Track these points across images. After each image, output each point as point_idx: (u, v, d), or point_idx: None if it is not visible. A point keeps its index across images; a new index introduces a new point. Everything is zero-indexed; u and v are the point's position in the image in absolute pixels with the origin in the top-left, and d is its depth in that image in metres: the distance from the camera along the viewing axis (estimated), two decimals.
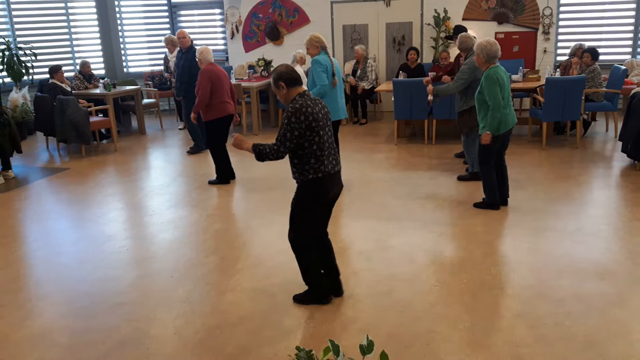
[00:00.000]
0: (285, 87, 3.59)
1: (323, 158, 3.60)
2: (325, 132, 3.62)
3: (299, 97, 3.57)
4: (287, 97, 3.62)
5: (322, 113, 3.60)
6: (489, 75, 5.22)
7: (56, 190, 6.90)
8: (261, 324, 3.72)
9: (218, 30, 12.14)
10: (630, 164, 6.90)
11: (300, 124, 3.47)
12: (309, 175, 3.59)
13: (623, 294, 3.90)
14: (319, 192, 3.64)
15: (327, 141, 3.64)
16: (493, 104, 5.19)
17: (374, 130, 9.53)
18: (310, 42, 6.10)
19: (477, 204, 5.65)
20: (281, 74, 3.59)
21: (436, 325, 3.60)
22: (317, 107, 3.58)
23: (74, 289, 4.31)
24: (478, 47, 5.30)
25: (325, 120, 3.62)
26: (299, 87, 3.61)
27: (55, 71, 8.76)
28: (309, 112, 3.50)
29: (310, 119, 3.50)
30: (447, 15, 10.32)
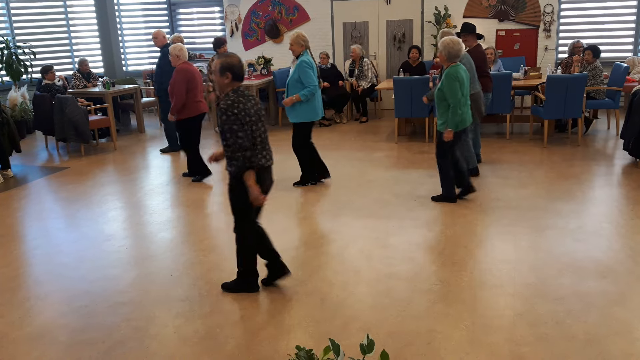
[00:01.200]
0: (230, 78, 3.71)
1: (256, 152, 3.73)
2: (258, 127, 3.75)
3: (232, 93, 3.70)
4: (225, 88, 3.74)
5: (254, 109, 3.73)
6: (450, 73, 5.35)
7: (55, 189, 6.89)
8: (261, 322, 3.70)
9: (217, 28, 12.12)
10: (632, 162, 6.88)
11: (237, 116, 3.62)
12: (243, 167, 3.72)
13: (624, 292, 3.88)
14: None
15: (260, 136, 3.76)
16: (454, 101, 5.34)
17: (375, 129, 9.51)
18: (297, 40, 6.13)
19: (436, 197, 5.81)
20: (233, 66, 3.70)
21: (436, 324, 3.58)
22: (249, 103, 3.72)
23: (73, 288, 4.30)
24: (441, 45, 5.41)
25: (257, 116, 3.75)
26: (238, 83, 3.75)
27: (46, 72, 8.76)
28: (240, 108, 3.64)
29: (242, 114, 3.63)
30: (447, 13, 10.30)
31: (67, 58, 11.63)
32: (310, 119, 6.24)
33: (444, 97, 5.40)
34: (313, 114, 6.22)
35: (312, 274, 4.33)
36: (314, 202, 6.00)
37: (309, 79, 6.03)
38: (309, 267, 4.46)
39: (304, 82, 6.05)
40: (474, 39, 6.82)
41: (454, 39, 5.40)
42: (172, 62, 6.83)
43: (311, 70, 6.06)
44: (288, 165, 7.32)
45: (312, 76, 6.06)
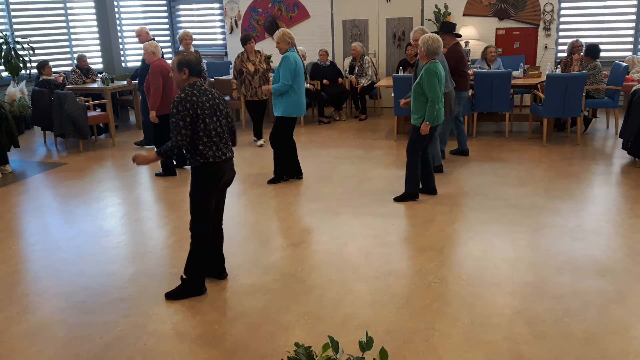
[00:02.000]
0: (187, 74, 3.77)
1: (211, 144, 3.77)
2: (213, 120, 3.79)
3: (188, 87, 3.76)
4: (182, 84, 3.81)
5: (209, 103, 3.78)
6: (429, 69, 5.41)
7: (54, 185, 6.88)
8: (259, 319, 3.70)
9: (217, 25, 12.10)
10: (630, 161, 6.89)
11: (187, 111, 3.66)
12: (200, 159, 3.78)
13: (622, 291, 3.88)
14: (212, 176, 3.82)
15: (215, 130, 3.80)
16: (433, 96, 5.39)
17: (374, 126, 9.51)
18: (283, 38, 6.21)
19: (398, 198, 5.82)
20: (190, 62, 3.77)
21: (435, 322, 3.58)
22: (204, 97, 3.76)
23: (71, 283, 4.29)
24: (421, 41, 5.47)
25: (212, 110, 3.80)
26: (195, 78, 3.80)
27: (43, 67, 8.75)
28: (193, 101, 3.69)
29: (195, 107, 3.68)
30: (447, 11, 10.29)
31: (66, 54, 11.60)
32: (292, 115, 6.30)
33: (423, 91, 5.47)
34: (293, 109, 6.28)
35: (310, 271, 4.33)
36: (312, 199, 6.00)
37: (283, 75, 6.13)
38: (307, 264, 4.45)
39: (280, 77, 6.16)
40: (452, 38, 6.90)
41: (434, 36, 5.48)
42: (147, 60, 6.93)
43: (289, 67, 6.11)
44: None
45: (287, 75, 6.12)
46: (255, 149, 8.21)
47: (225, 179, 3.93)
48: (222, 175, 3.88)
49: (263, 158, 7.71)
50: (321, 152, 7.74)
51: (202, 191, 3.85)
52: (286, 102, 6.24)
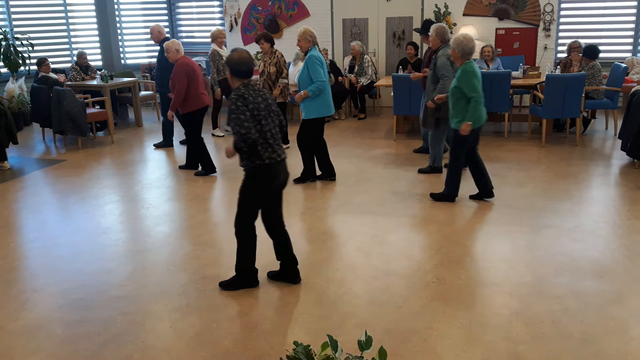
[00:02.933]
0: (230, 74, 3.76)
1: (267, 145, 3.74)
2: (268, 122, 3.75)
3: (242, 87, 3.73)
4: (231, 83, 3.79)
5: (264, 104, 3.74)
6: (467, 70, 5.27)
7: (52, 181, 6.87)
8: (257, 318, 3.70)
9: (217, 22, 12.08)
10: (629, 162, 6.89)
11: (246, 107, 3.63)
12: (256, 161, 3.73)
13: (620, 291, 3.89)
14: (266, 178, 3.77)
15: (270, 131, 3.76)
16: (477, 96, 5.25)
17: (373, 126, 9.50)
18: (304, 36, 6.10)
19: (435, 195, 5.74)
20: (231, 60, 3.75)
21: (433, 322, 3.58)
22: (259, 98, 3.73)
23: (69, 280, 4.29)
24: (455, 42, 5.31)
25: (267, 111, 3.75)
26: (244, 79, 3.76)
27: (41, 64, 8.72)
28: (249, 101, 3.66)
29: (251, 107, 3.65)
30: (447, 11, 10.28)
31: (65, 50, 11.58)
32: (322, 115, 6.19)
33: (462, 94, 5.31)
34: (325, 109, 6.17)
35: (309, 270, 4.33)
36: (312, 198, 6.00)
37: (317, 74, 5.99)
38: (306, 263, 4.45)
39: (312, 77, 6.01)
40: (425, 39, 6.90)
41: (467, 36, 5.30)
42: (172, 58, 6.82)
43: (320, 65, 6.01)
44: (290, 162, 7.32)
45: (321, 72, 6.01)
46: None
47: (279, 181, 3.86)
48: (277, 176, 3.81)
49: None
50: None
51: (255, 192, 3.80)
52: (313, 103, 6.10)
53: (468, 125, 5.29)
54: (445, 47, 6.25)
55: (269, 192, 3.84)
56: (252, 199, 3.84)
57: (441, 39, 6.36)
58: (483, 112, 5.43)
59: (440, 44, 6.37)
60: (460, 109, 5.37)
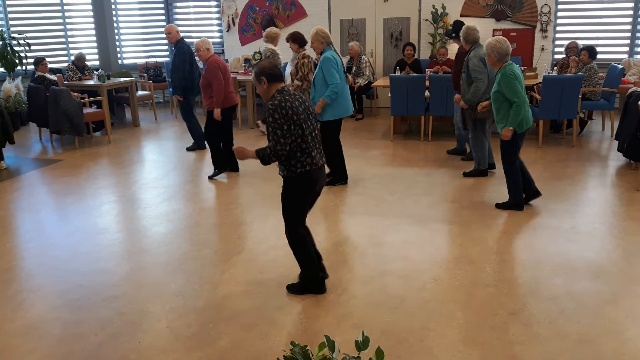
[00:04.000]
0: (266, 82, 3.67)
1: (309, 150, 3.68)
2: (308, 125, 3.69)
3: (277, 94, 3.65)
4: (267, 93, 3.70)
5: (302, 107, 3.67)
6: (506, 73, 5.13)
7: (49, 181, 6.85)
8: (254, 318, 3.70)
9: (214, 22, 12.07)
10: (626, 163, 6.91)
11: (284, 118, 3.54)
12: (297, 169, 3.65)
13: (616, 292, 3.90)
14: (308, 185, 3.71)
15: (310, 134, 3.70)
16: (519, 100, 5.11)
17: (370, 126, 9.51)
18: (316, 37, 6.02)
19: (500, 205, 5.54)
20: (264, 69, 3.67)
21: (430, 322, 3.59)
22: (297, 102, 3.65)
23: (66, 281, 4.28)
24: (488, 47, 5.20)
25: (306, 115, 3.69)
26: (279, 84, 3.68)
27: (38, 63, 8.70)
28: (288, 107, 3.57)
29: (290, 113, 3.56)
30: (444, 12, 10.30)
31: (62, 50, 11.55)
32: (340, 116, 6.10)
33: (504, 98, 5.20)
34: (342, 110, 6.08)
35: None
36: None
37: (331, 77, 5.88)
38: None
39: (327, 80, 5.92)
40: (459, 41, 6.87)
41: (500, 39, 5.21)
42: (202, 57, 6.81)
43: (334, 67, 5.91)
44: None
45: (335, 74, 5.90)
46: None
47: (319, 186, 3.81)
48: (317, 182, 3.76)
49: None
50: None
51: (299, 200, 3.74)
52: (331, 106, 6.01)
53: (509, 131, 5.19)
54: (476, 48, 6.24)
55: (310, 197, 3.79)
56: (297, 207, 3.77)
57: (467, 40, 6.38)
58: (528, 115, 5.26)
59: (469, 45, 6.37)
60: (505, 114, 5.26)
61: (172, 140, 8.80)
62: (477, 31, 6.41)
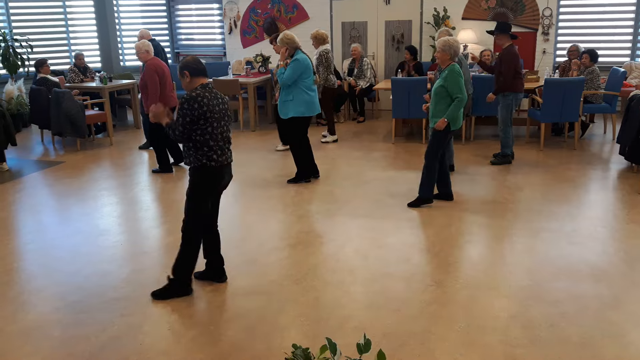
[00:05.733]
0: (188, 76, 3.78)
1: (216, 148, 3.79)
2: (220, 125, 3.81)
3: (200, 88, 3.76)
4: (190, 86, 3.80)
5: (218, 107, 3.79)
6: (454, 70, 5.37)
7: (50, 183, 6.86)
8: (255, 321, 3.70)
9: (216, 25, 12.09)
10: (627, 167, 6.90)
11: (193, 111, 3.66)
12: (202, 160, 3.78)
13: (618, 296, 3.89)
14: (209, 179, 3.84)
15: (221, 134, 3.83)
16: (463, 96, 5.34)
17: (372, 129, 9.51)
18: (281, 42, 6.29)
19: (412, 203, 5.71)
20: (188, 63, 3.79)
21: (431, 325, 3.59)
22: (215, 100, 3.78)
23: (67, 282, 4.28)
24: (446, 44, 5.39)
25: (221, 114, 3.81)
26: (202, 79, 3.80)
27: (41, 65, 8.72)
28: (203, 103, 3.69)
29: (204, 109, 3.69)
30: (446, 14, 10.30)
31: (64, 52, 11.57)
32: (303, 114, 6.32)
33: (446, 93, 5.38)
34: (304, 109, 6.32)
35: (307, 272, 4.33)
36: (310, 200, 6.00)
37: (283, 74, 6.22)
38: (304, 265, 4.45)
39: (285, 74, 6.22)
40: (508, 39, 6.90)
41: (455, 38, 5.48)
42: (142, 58, 6.98)
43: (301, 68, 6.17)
44: (283, 163, 7.32)
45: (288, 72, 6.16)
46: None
47: (223, 182, 3.97)
48: (222, 178, 3.91)
49: (254, 161, 7.70)
50: (319, 154, 7.71)
51: (200, 192, 3.87)
52: (290, 104, 6.29)
53: (443, 122, 5.38)
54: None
55: (212, 192, 3.93)
56: (198, 199, 3.89)
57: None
58: (461, 115, 5.51)
59: None
60: (441, 109, 5.45)
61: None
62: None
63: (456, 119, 5.43)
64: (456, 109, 5.36)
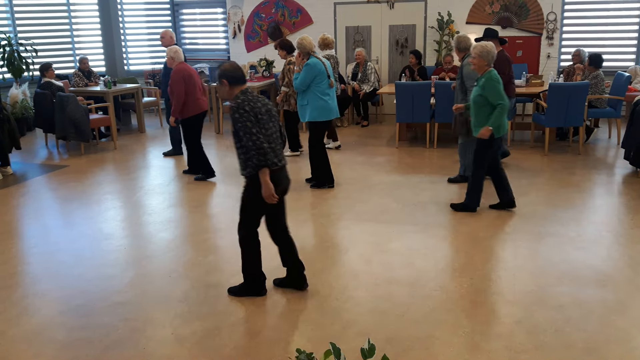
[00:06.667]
0: (227, 84, 3.74)
1: (270, 150, 3.71)
2: (270, 127, 3.75)
3: (240, 94, 3.72)
4: (229, 94, 3.77)
5: (264, 109, 3.73)
6: (492, 77, 5.22)
7: (54, 187, 6.87)
8: (259, 325, 3.69)
9: (220, 29, 12.12)
10: (632, 171, 6.88)
11: (248, 115, 3.61)
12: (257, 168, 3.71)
13: (623, 301, 3.87)
14: None
15: (272, 135, 3.76)
16: (504, 102, 5.19)
17: (376, 133, 9.51)
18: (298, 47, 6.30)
19: (455, 205, 5.66)
20: (225, 70, 3.74)
21: (435, 330, 3.57)
22: (259, 103, 3.72)
23: (71, 286, 4.28)
24: (483, 51, 5.23)
25: (268, 116, 3.75)
26: (241, 85, 3.75)
27: (46, 69, 8.74)
28: (250, 107, 3.64)
29: (254, 112, 3.64)
30: (450, 19, 10.31)
31: (69, 56, 11.62)
32: (320, 119, 6.30)
33: (486, 102, 5.24)
34: (322, 113, 6.29)
35: (311, 277, 4.32)
36: (314, 205, 5.99)
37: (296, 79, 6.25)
38: (308, 270, 4.44)
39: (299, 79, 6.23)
40: (497, 44, 6.85)
41: (490, 44, 5.29)
42: (168, 64, 6.96)
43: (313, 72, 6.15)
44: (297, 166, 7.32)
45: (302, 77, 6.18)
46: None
47: (282, 187, 3.85)
48: (280, 183, 3.81)
49: None
50: None
51: (257, 199, 3.78)
52: (309, 108, 6.29)
53: (488, 130, 5.22)
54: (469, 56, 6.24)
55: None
56: (254, 206, 3.84)
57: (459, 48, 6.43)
58: (506, 122, 5.35)
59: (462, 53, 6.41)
60: (484, 119, 5.30)
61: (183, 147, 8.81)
62: (469, 39, 6.43)
63: (501, 126, 5.26)
64: (499, 117, 5.19)
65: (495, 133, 5.27)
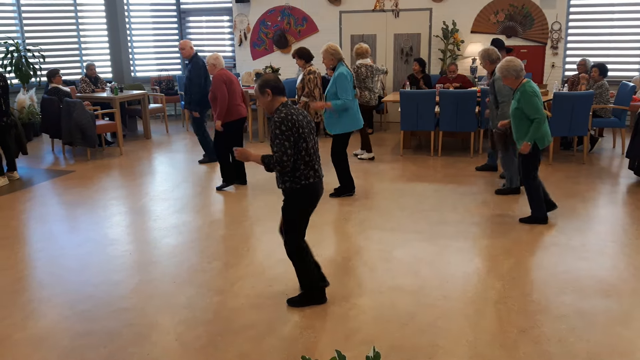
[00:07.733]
0: (270, 94, 3.71)
1: (312, 163, 3.75)
2: (311, 139, 3.76)
3: (282, 107, 3.71)
4: (271, 105, 3.74)
5: (305, 121, 3.74)
6: (526, 90, 5.20)
7: (60, 192, 6.91)
8: (263, 332, 3.70)
9: (226, 37, 12.19)
10: (637, 181, 6.87)
11: (290, 130, 3.61)
12: (302, 181, 3.72)
13: (627, 311, 3.87)
14: (310, 197, 3.79)
15: (313, 147, 3.77)
16: (540, 116, 5.17)
17: (380, 141, 9.53)
18: (325, 54, 6.29)
19: (524, 219, 5.56)
20: (269, 81, 3.73)
21: (439, 339, 3.57)
22: (300, 116, 3.72)
23: (76, 291, 4.30)
24: (503, 69, 5.26)
25: (309, 129, 3.75)
26: (282, 97, 3.74)
27: (54, 75, 8.80)
28: (294, 120, 3.64)
29: (297, 126, 3.63)
30: (455, 28, 10.34)
31: (76, 62, 11.70)
32: (349, 130, 6.35)
33: (524, 115, 5.23)
34: (351, 124, 6.34)
35: None
36: (318, 213, 6.00)
37: (344, 93, 6.15)
38: None
39: (339, 94, 6.15)
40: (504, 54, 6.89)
41: (508, 58, 5.31)
42: (210, 71, 6.97)
43: (348, 83, 6.17)
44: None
45: (349, 90, 6.16)
46: None
47: (319, 198, 3.89)
48: (318, 195, 3.84)
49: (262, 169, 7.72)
50: (327, 166, 7.75)
51: (301, 213, 3.80)
52: (341, 119, 6.27)
53: (527, 145, 5.21)
54: None
55: (312, 209, 3.87)
56: (299, 219, 3.83)
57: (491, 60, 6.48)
58: (548, 131, 5.32)
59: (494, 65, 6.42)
60: (524, 131, 5.29)
61: (183, 153, 8.86)
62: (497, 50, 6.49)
63: (541, 137, 5.24)
64: (536, 131, 5.16)
65: (539, 144, 5.26)
